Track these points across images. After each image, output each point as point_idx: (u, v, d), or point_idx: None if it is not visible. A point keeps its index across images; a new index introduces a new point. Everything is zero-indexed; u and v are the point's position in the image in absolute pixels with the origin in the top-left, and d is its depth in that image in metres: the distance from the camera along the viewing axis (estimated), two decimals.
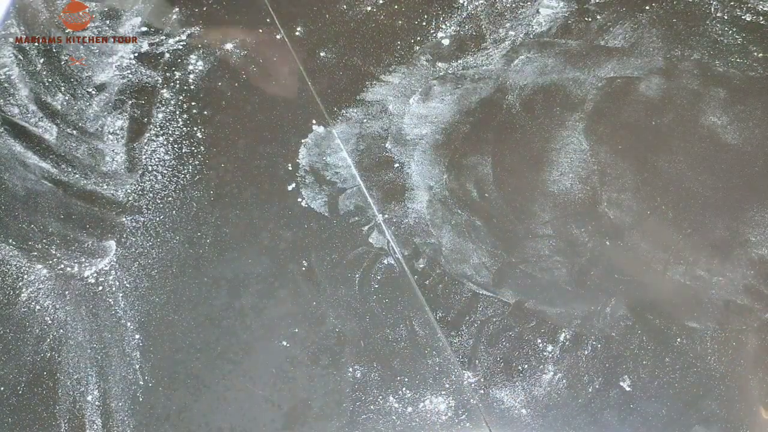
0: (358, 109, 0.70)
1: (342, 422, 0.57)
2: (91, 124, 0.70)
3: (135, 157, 0.68)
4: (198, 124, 0.70)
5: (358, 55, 0.72)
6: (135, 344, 0.60)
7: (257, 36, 0.74)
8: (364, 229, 0.64)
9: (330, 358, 0.59)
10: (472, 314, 0.60)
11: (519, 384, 0.58)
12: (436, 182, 0.66)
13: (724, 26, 0.70)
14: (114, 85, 0.72)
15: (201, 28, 0.75)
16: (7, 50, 0.74)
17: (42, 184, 0.67)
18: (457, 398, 0.58)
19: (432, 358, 0.59)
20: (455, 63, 0.71)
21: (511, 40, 0.72)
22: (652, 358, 0.58)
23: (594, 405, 0.57)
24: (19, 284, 0.63)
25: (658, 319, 0.59)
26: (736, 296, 0.60)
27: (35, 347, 0.60)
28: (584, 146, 0.66)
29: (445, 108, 0.69)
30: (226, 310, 0.62)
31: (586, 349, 0.59)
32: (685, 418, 0.56)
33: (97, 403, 0.58)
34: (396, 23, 0.74)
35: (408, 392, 0.58)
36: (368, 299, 0.61)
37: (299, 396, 0.58)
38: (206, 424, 0.58)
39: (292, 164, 0.68)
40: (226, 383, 0.59)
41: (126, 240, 0.65)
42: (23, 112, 0.71)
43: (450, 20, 0.73)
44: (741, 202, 0.63)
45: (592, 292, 0.61)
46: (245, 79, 0.72)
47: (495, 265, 0.62)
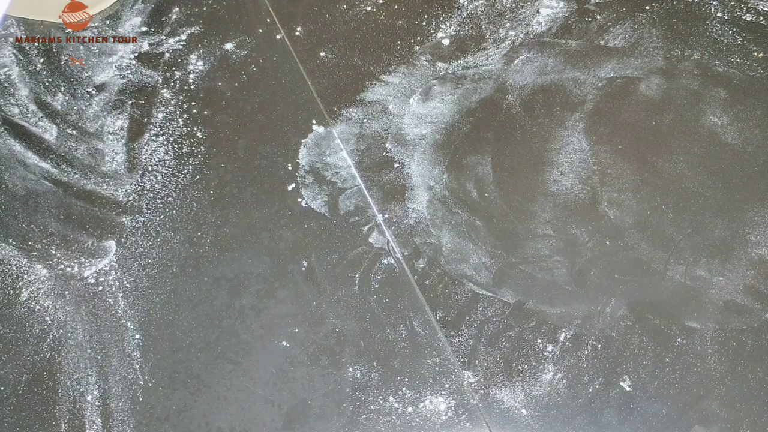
0: (358, 109, 0.70)
1: (342, 422, 0.57)
2: (91, 124, 0.70)
3: (135, 157, 0.68)
4: (198, 124, 0.70)
5: (358, 55, 0.72)
6: (135, 344, 0.60)
7: (257, 36, 0.74)
8: (364, 229, 0.64)
9: (330, 358, 0.59)
10: (472, 314, 0.60)
11: (519, 384, 0.58)
12: (436, 182, 0.66)
13: (724, 26, 0.70)
14: (114, 85, 0.72)
15: (201, 28, 0.75)
16: (7, 50, 0.74)
17: (42, 184, 0.67)
18: (457, 398, 0.58)
19: (432, 358, 0.59)
20: (455, 63, 0.71)
21: (511, 40, 0.72)
22: (652, 358, 0.58)
23: (594, 405, 0.57)
24: (19, 284, 0.63)
25: (658, 319, 0.59)
26: (736, 296, 0.60)
27: (35, 347, 0.60)
28: (584, 146, 0.66)
29: (445, 108, 0.69)
30: (226, 310, 0.62)
31: (586, 349, 0.59)
32: (685, 418, 0.56)
33: (97, 403, 0.58)
34: (396, 23, 0.74)
35: (408, 392, 0.58)
36: (368, 299, 0.61)
37: (299, 396, 0.58)
38: (206, 424, 0.58)
39: (292, 164, 0.68)
40: (226, 383, 0.59)
41: (126, 240, 0.65)
42: (23, 112, 0.71)
43: (450, 20, 0.73)
44: (741, 202, 0.63)
45: (592, 292, 0.61)
46: (245, 79, 0.72)
47: (495, 265, 0.62)
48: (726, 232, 0.62)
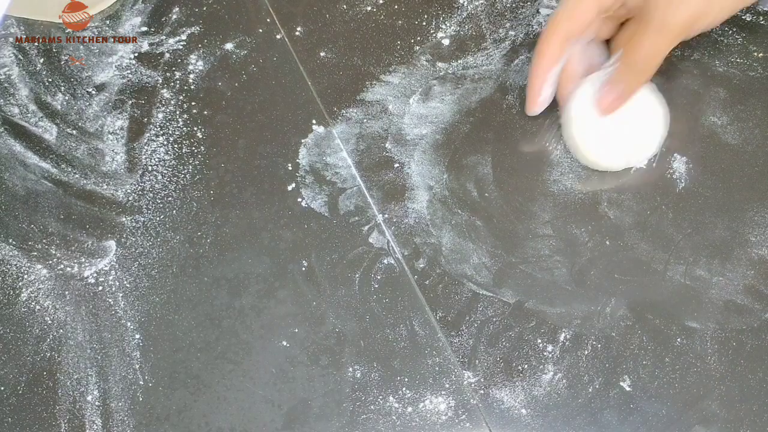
0: (358, 109, 0.70)
1: (342, 422, 0.57)
2: (91, 124, 0.70)
3: (135, 157, 0.68)
4: (198, 124, 0.70)
5: (358, 55, 0.72)
6: (135, 344, 0.60)
7: (257, 36, 0.74)
8: (364, 229, 0.64)
9: (330, 358, 0.59)
10: (472, 314, 0.60)
11: (519, 384, 0.58)
12: (436, 182, 0.66)
13: (724, 26, 0.70)
14: (114, 85, 0.72)
15: (201, 28, 0.75)
16: (7, 50, 0.74)
17: (42, 184, 0.67)
18: (457, 398, 0.58)
19: (432, 358, 0.59)
20: (455, 63, 0.71)
21: (511, 40, 0.72)
22: (652, 358, 0.58)
23: (594, 405, 0.57)
24: (19, 284, 0.63)
25: (658, 319, 0.59)
26: (736, 296, 0.60)
27: (35, 347, 0.60)
28: None
29: (445, 108, 0.69)
30: (226, 310, 0.62)
31: (586, 349, 0.59)
32: (685, 418, 0.56)
33: (97, 403, 0.58)
34: (396, 23, 0.74)
35: (408, 392, 0.58)
36: (368, 299, 0.61)
37: (299, 396, 0.58)
38: (206, 424, 0.58)
39: (292, 164, 0.68)
40: (226, 383, 0.59)
41: (126, 240, 0.65)
42: (23, 112, 0.71)
43: (450, 20, 0.73)
44: (741, 202, 0.63)
45: (592, 292, 0.61)
46: (245, 79, 0.72)
47: (495, 265, 0.62)
48: (726, 232, 0.62)
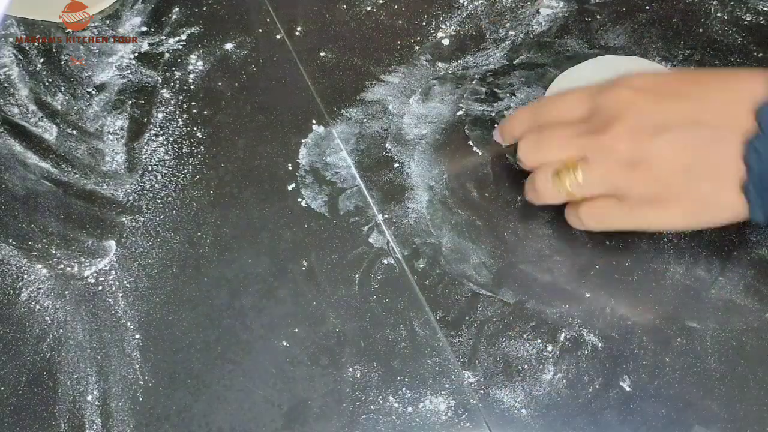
0: (358, 109, 0.70)
1: (342, 422, 0.57)
2: (91, 124, 0.70)
3: (135, 157, 0.68)
4: (198, 124, 0.70)
5: (358, 55, 0.72)
6: (135, 344, 0.60)
7: (257, 36, 0.74)
8: (364, 229, 0.64)
9: (330, 358, 0.59)
10: (472, 314, 0.60)
11: (519, 384, 0.58)
12: (436, 182, 0.66)
13: (724, 26, 0.70)
14: (114, 85, 0.72)
15: (201, 28, 0.75)
16: (7, 50, 0.74)
17: (42, 184, 0.67)
18: (457, 398, 0.58)
19: (432, 358, 0.59)
20: (455, 63, 0.71)
21: (511, 40, 0.72)
22: (652, 358, 0.58)
23: (594, 405, 0.57)
24: (19, 284, 0.63)
25: (658, 319, 0.59)
26: (736, 296, 0.60)
27: (35, 347, 0.60)
28: None
29: (445, 108, 0.69)
30: (226, 310, 0.62)
31: (586, 349, 0.59)
32: (685, 418, 0.56)
33: (97, 403, 0.58)
34: (396, 23, 0.74)
35: (408, 392, 0.58)
36: (368, 299, 0.61)
37: (299, 396, 0.58)
38: (206, 424, 0.58)
39: (292, 164, 0.68)
40: (226, 383, 0.59)
41: (126, 240, 0.65)
42: (23, 112, 0.71)
43: (450, 20, 0.73)
44: None
45: (592, 292, 0.61)
46: (245, 79, 0.72)
47: (495, 265, 0.62)
48: (726, 232, 0.62)
